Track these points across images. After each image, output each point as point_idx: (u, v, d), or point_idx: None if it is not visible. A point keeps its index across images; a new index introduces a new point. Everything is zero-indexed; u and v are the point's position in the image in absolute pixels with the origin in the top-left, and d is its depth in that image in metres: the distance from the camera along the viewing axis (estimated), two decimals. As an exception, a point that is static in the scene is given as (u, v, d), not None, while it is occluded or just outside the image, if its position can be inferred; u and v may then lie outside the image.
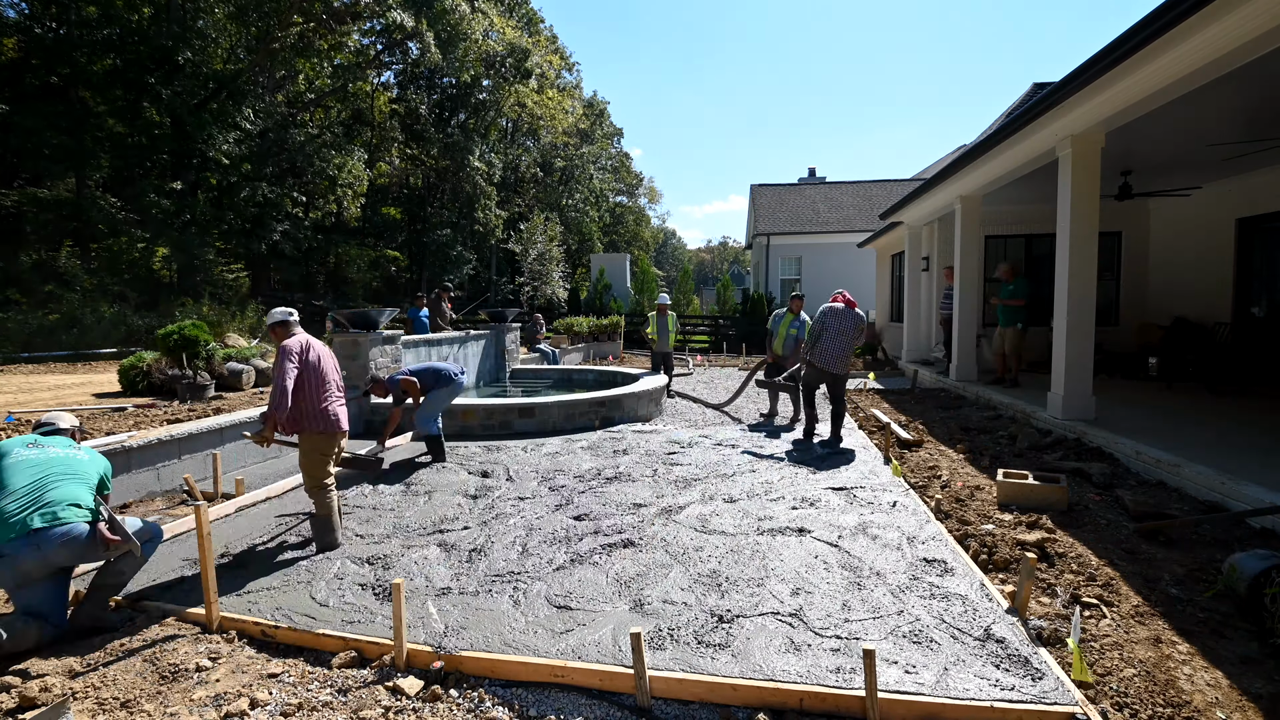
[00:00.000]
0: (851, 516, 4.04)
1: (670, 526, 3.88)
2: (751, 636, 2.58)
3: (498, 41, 29.43)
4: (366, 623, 2.75)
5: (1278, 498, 3.64)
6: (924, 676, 2.28)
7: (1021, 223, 11.08)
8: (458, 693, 2.33)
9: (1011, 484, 4.20)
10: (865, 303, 21.83)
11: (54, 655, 2.54)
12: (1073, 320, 6.25)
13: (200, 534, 2.72)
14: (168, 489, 4.93)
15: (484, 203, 30.39)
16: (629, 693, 2.28)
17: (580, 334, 17.19)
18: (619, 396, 7.60)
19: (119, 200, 19.49)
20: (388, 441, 5.57)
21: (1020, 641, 2.49)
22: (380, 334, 7.30)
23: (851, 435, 6.55)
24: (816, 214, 24.93)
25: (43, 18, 17.86)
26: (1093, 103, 5.63)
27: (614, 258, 26.38)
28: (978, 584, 3.02)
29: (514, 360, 11.84)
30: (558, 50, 39.81)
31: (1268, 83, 5.19)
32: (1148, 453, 4.85)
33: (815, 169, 31.75)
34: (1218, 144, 6.99)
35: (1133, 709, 2.15)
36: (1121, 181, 8.33)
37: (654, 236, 61.57)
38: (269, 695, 2.28)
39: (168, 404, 6.60)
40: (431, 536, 3.78)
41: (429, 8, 22.50)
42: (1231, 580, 2.83)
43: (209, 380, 7.14)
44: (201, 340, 7.56)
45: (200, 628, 2.78)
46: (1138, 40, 4.50)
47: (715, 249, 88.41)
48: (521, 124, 36.58)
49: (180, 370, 7.16)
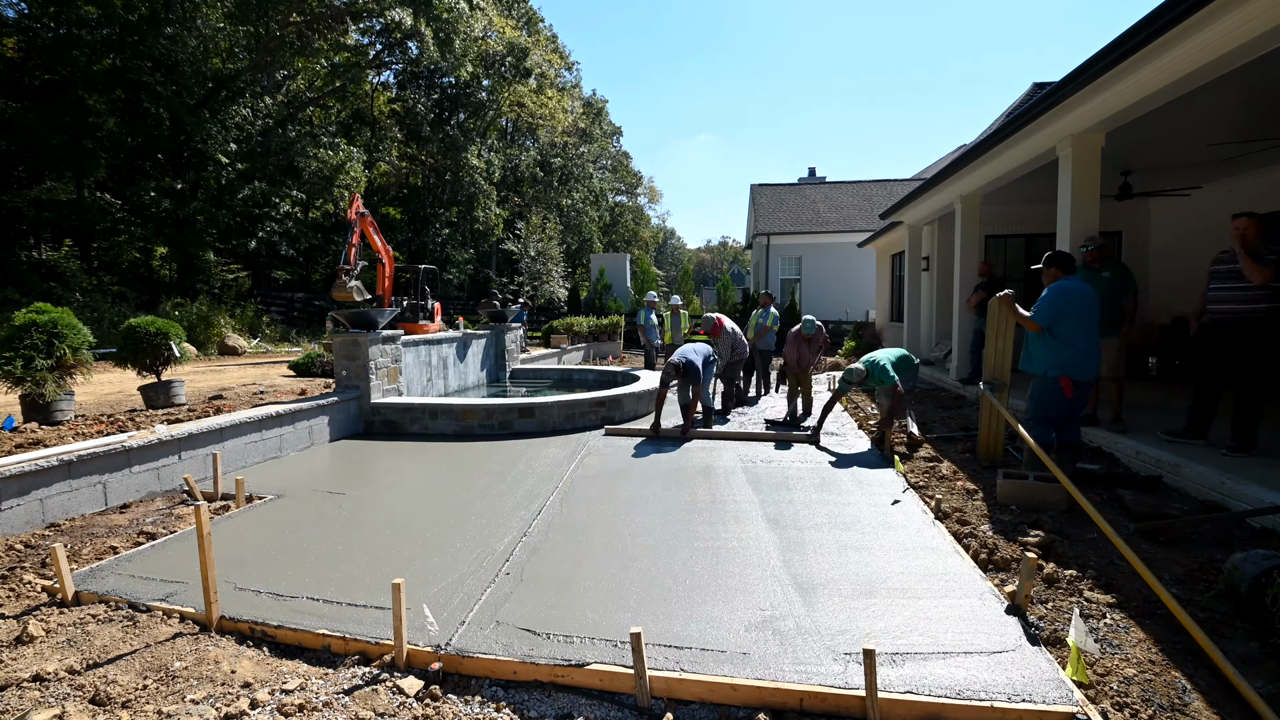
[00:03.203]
0: (851, 515, 4.04)
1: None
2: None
3: (497, 41, 29.44)
4: (368, 623, 2.75)
5: (1278, 498, 3.64)
6: (924, 676, 2.28)
7: (1021, 223, 11.08)
8: (457, 694, 2.33)
9: (1012, 484, 4.20)
10: (865, 302, 21.88)
11: (54, 654, 2.53)
12: (1073, 320, 6.23)
13: (200, 534, 2.72)
14: (168, 489, 4.93)
15: (483, 202, 30.42)
16: (629, 692, 2.28)
17: (580, 334, 17.20)
18: (619, 396, 7.59)
19: (118, 200, 19.49)
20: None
21: (1021, 641, 2.49)
22: (380, 334, 7.30)
23: (852, 435, 6.57)
24: (816, 214, 24.93)
25: (42, 17, 17.85)
26: (1093, 103, 5.62)
27: (614, 257, 26.39)
28: (977, 583, 3.02)
29: (514, 360, 11.84)
30: (557, 50, 39.82)
31: (1268, 83, 5.19)
32: (1148, 452, 4.85)
33: (815, 169, 31.75)
34: (1218, 144, 6.98)
35: (1133, 709, 2.15)
36: (1121, 181, 8.32)
37: (654, 236, 61.58)
38: (269, 695, 2.27)
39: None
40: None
41: (428, 6, 22.49)
42: (1232, 580, 2.83)
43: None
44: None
45: (200, 627, 2.78)
46: (1138, 40, 4.50)
47: (715, 249, 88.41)
48: (521, 123, 36.57)
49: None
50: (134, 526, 4.09)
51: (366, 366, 7.08)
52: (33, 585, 3.21)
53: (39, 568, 3.46)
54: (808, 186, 28.06)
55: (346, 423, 6.92)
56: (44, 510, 4.12)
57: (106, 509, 4.48)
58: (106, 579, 3.22)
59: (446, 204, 30.88)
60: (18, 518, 3.97)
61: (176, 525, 4.12)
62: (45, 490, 4.13)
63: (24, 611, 2.95)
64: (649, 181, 59.95)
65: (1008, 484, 4.22)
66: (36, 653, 2.57)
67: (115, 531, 3.99)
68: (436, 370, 9.35)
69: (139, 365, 7.24)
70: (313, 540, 3.74)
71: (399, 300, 12.82)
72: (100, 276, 18.02)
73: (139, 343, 7.16)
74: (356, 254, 10.00)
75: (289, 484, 5.00)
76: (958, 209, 9.30)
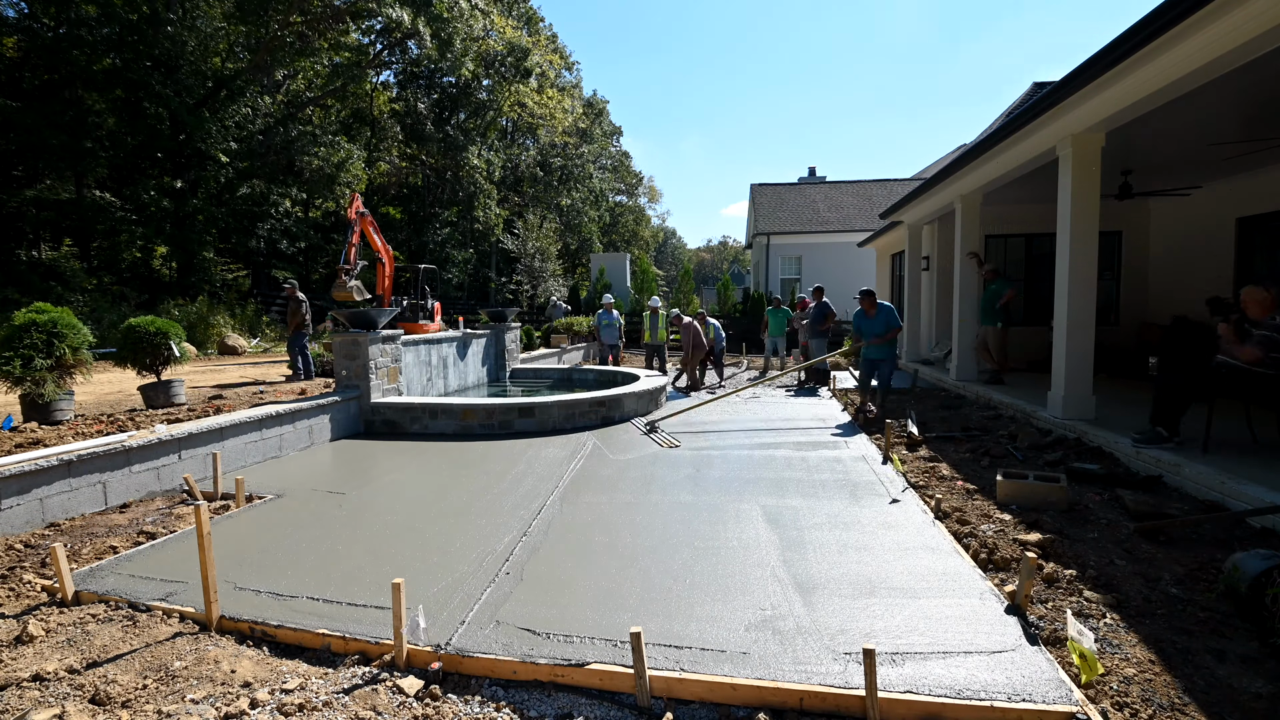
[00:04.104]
0: (851, 515, 4.04)
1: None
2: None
3: (497, 40, 29.44)
4: (368, 622, 2.75)
5: (1278, 497, 3.64)
6: (924, 676, 2.28)
7: (1021, 223, 11.08)
8: (457, 693, 2.33)
9: (1012, 484, 4.20)
10: (865, 302, 21.86)
11: (54, 654, 2.53)
12: (1073, 319, 6.24)
13: (200, 534, 2.72)
14: (168, 489, 4.93)
15: (483, 201, 30.42)
16: (629, 692, 2.28)
17: (580, 334, 17.19)
18: (619, 396, 7.59)
19: (118, 199, 19.49)
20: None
21: (1020, 641, 2.49)
22: (380, 333, 7.30)
23: (853, 434, 6.57)
24: (816, 213, 24.94)
25: (42, 17, 17.85)
26: (1093, 103, 5.62)
27: (614, 257, 26.40)
28: (977, 583, 3.02)
29: (514, 360, 11.84)
30: (557, 49, 39.82)
31: (1268, 83, 5.19)
32: (1148, 452, 4.85)
33: (815, 168, 31.75)
34: (1218, 143, 6.98)
35: (1133, 709, 2.15)
36: (1121, 181, 8.32)
37: (653, 236, 61.58)
38: (269, 695, 2.27)
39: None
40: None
41: (427, 6, 22.49)
42: (1233, 580, 2.83)
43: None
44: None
45: (200, 627, 2.78)
46: (1138, 40, 4.50)
47: (715, 248, 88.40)
48: (521, 123, 36.57)
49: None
50: (134, 526, 4.09)
51: (366, 366, 7.08)
52: (33, 585, 3.21)
53: (39, 567, 3.46)
54: (808, 186, 28.06)
55: (346, 422, 6.92)
56: (44, 510, 4.12)
57: (106, 508, 4.48)
58: (106, 579, 3.22)
59: (446, 204, 30.87)
60: (18, 517, 3.97)
61: (176, 525, 4.12)
62: (45, 490, 4.13)
63: (24, 611, 2.95)
64: (649, 181, 59.97)
65: (1008, 484, 4.22)
66: (36, 652, 2.57)
67: (115, 531, 3.99)
68: (436, 370, 9.35)
69: (139, 365, 7.23)
70: (313, 540, 3.74)
71: (399, 300, 12.82)
72: (100, 276, 18.01)
73: (139, 342, 7.15)
74: (356, 253, 10.00)
75: (289, 483, 5.00)
76: (958, 209, 9.30)
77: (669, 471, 5.22)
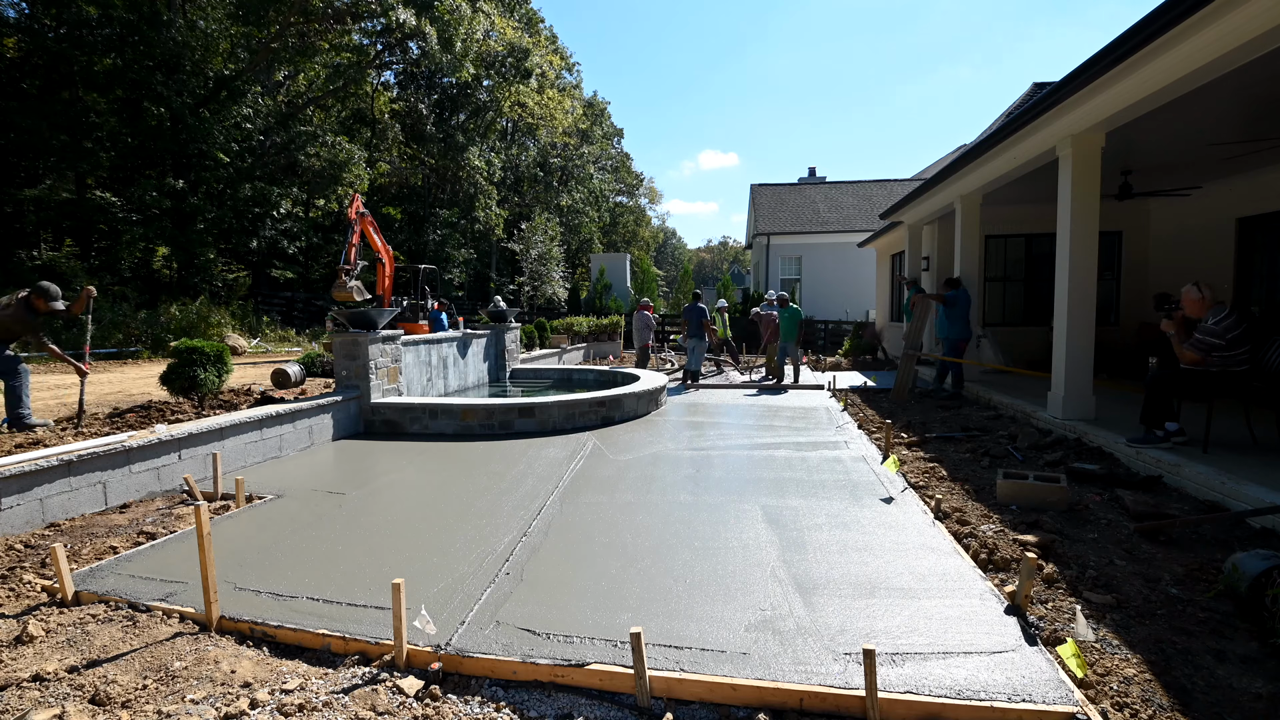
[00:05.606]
0: (851, 515, 4.04)
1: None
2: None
3: (498, 41, 29.44)
4: (368, 622, 2.75)
5: (1278, 498, 3.64)
6: (924, 676, 2.28)
7: (1021, 223, 11.09)
8: (457, 694, 2.33)
9: (1012, 484, 4.20)
10: (866, 302, 21.87)
11: (54, 654, 2.54)
12: (1073, 319, 6.25)
13: (200, 534, 2.72)
14: (168, 489, 4.93)
15: (484, 201, 30.42)
16: (629, 692, 2.28)
17: (580, 334, 17.20)
18: (619, 396, 7.60)
19: (119, 199, 19.50)
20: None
21: (1020, 641, 2.49)
22: (380, 333, 7.30)
23: (853, 434, 6.57)
24: (816, 214, 24.94)
25: (42, 17, 17.86)
26: (1093, 103, 5.62)
27: (614, 257, 26.42)
28: (977, 583, 3.02)
29: (514, 360, 11.84)
30: (558, 50, 39.82)
31: (1268, 83, 5.19)
32: (1148, 452, 4.85)
33: (815, 169, 31.77)
34: (1218, 144, 6.98)
35: (1133, 709, 2.15)
36: (1121, 181, 8.32)
37: (653, 236, 61.57)
38: (269, 695, 2.27)
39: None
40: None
41: (431, 8, 22.50)
42: (1232, 580, 2.83)
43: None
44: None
45: (200, 627, 2.78)
46: (1137, 40, 4.50)
47: (715, 249, 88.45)
48: (521, 124, 36.58)
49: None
50: (134, 526, 4.09)
51: (366, 366, 7.09)
52: (33, 585, 3.21)
53: (39, 567, 3.46)
54: (808, 186, 28.07)
55: (347, 422, 6.92)
56: (44, 510, 4.12)
57: (106, 509, 4.48)
58: (106, 579, 3.22)
59: (447, 204, 30.87)
60: (18, 517, 3.97)
61: (176, 525, 4.12)
62: (45, 490, 4.13)
63: (24, 611, 2.95)
64: (649, 182, 59.99)
65: (1008, 484, 4.22)
66: (36, 652, 2.57)
67: (115, 531, 3.99)
68: (436, 370, 9.35)
69: (177, 391, 6.77)
70: (313, 540, 3.74)
71: (399, 300, 12.82)
72: (101, 276, 17.99)
73: (187, 364, 6.63)
74: (357, 254, 10.00)
75: (289, 484, 5.00)
76: (958, 209, 9.30)
77: (669, 471, 5.22)
